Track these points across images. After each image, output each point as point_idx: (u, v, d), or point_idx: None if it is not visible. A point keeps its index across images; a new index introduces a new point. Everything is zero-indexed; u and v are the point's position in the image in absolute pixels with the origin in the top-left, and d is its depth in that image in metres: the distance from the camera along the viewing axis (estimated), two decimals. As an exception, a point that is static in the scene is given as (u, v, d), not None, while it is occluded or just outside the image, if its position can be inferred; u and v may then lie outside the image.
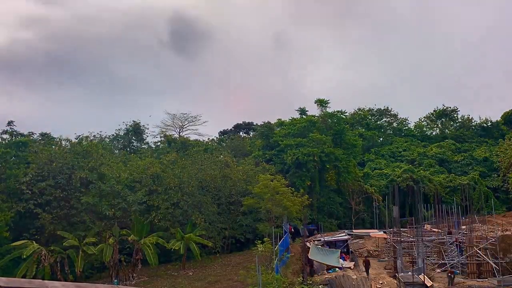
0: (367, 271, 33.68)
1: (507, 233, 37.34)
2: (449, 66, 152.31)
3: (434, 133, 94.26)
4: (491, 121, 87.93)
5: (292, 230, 45.69)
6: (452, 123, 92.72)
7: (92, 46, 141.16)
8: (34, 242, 33.55)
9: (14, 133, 48.09)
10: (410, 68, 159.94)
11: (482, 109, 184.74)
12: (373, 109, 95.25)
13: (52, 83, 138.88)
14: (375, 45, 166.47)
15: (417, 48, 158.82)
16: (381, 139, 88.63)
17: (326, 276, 33.89)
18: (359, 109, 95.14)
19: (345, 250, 42.38)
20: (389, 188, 56.39)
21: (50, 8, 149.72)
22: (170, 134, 74.24)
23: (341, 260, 38.37)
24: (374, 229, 49.59)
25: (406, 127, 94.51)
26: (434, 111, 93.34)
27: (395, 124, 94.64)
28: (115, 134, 69.10)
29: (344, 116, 67.03)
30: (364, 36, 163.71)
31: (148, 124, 74.65)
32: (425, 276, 27.92)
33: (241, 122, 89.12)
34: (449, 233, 39.95)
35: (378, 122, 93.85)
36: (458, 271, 32.65)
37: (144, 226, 38.42)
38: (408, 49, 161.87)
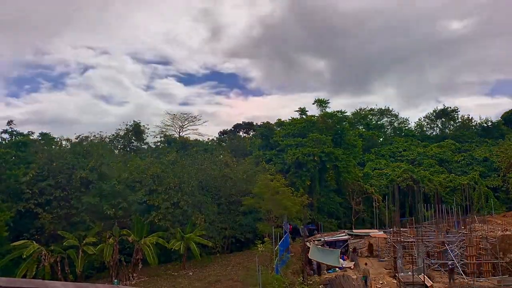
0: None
1: (507, 233, 37.34)
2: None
3: (434, 133, 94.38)
4: (491, 121, 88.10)
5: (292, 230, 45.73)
6: (452, 123, 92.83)
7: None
8: (34, 242, 33.54)
9: (14, 132, 48.05)
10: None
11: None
12: (373, 109, 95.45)
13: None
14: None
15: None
16: (381, 139, 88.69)
17: (326, 276, 33.92)
18: (360, 109, 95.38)
19: (345, 249, 42.44)
20: (389, 188, 56.44)
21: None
22: (170, 134, 74.31)
23: (341, 260, 38.40)
24: (374, 229, 49.60)
25: (406, 127, 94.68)
26: (434, 111, 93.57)
27: (395, 124, 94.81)
28: (115, 134, 69.13)
29: (344, 116, 67.05)
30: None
31: (148, 124, 74.87)
32: (425, 276, 27.93)
33: (241, 122, 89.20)
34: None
35: (378, 122, 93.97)
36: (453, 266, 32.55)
37: (144, 226, 38.41)
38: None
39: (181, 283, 33.58)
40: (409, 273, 29.39)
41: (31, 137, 48.68)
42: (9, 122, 48.57)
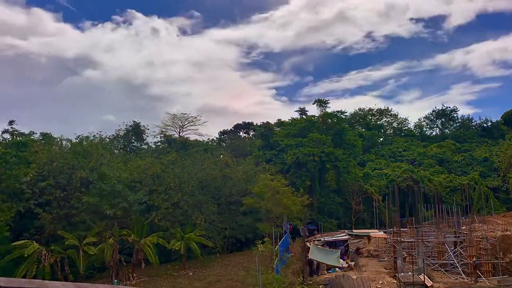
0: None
1: (507, 233, 37.35)
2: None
3: (434, 133, 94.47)
4: (491, 121, 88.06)
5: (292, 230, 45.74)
6: (452, 123, 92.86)
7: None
8: (34, 242, 33.54)
9: (15, 132, 48.11)
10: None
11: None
12: (373, 109, 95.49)
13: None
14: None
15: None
16: (381, 139, 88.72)
17: (326, 276, 33.92)
18: (360, 109, 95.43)
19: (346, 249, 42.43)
20: (389, 188, 56.43)
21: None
22: (170, 134, 74.31)
23: (341, 260, 38.40)
24: (374, 229, 49.61)
25: (406, 127, 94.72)
26: (433, 111, 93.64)
27: (395, 124, 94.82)
28: (115, 134, 69.23)
29: (344, 116, 67.15)
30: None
31: (148, 125, 74.95)
32: (425, 276, 27.94)
33: (241, 122, 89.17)
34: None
35: (378, 122, 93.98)
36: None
37: (145, 226, 38.44)
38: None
39: (181, 283, 33.61)
40: (409, 273, 29.40)
41: (31, 137, 48.73)
42: (10, 122, 48.67)
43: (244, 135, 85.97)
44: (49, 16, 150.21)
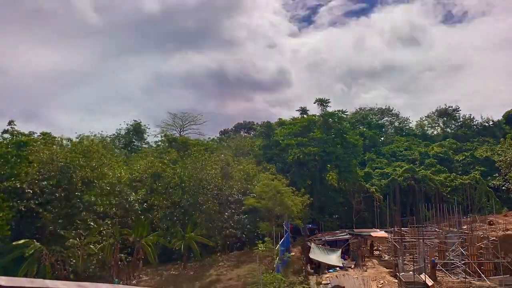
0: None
1: (508, 232, 37.27)
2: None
3: (435, 132, 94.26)
4: (492, 120, 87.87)
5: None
6: (453, 122, 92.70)
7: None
8: (35, 241, 33.51)
9: (15, 132, 48.04)
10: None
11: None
12: (374, 109, 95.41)
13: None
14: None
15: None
16: (382, 138, 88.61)
17: (327, 275, 33.89)
18: (361, 108, 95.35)
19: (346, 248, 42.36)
20: (390, 187, 56.39)
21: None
22: (171, 133, 74.31)
23: (342, 260, 38.37)
24: (375, 228, 49.52)
25: (408, 127, 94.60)
26: (435, 110, 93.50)
27: (396, 123, 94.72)
28: (116, 134, 69.29)
29: (344, 116, 67.03)
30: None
31: (149, 124, 75.03)
32: (426, 275, 27.90)
33: (242, 122, 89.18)
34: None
35: (380, 122, 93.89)
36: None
37: (145, 225, 38.40)
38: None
39: (182, 282, 33.61)
40: (410, 272, 29.36)
41: (32, 137, 48.68)
42: (10, 122, 48.55)
43: (245, 134, 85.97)
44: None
